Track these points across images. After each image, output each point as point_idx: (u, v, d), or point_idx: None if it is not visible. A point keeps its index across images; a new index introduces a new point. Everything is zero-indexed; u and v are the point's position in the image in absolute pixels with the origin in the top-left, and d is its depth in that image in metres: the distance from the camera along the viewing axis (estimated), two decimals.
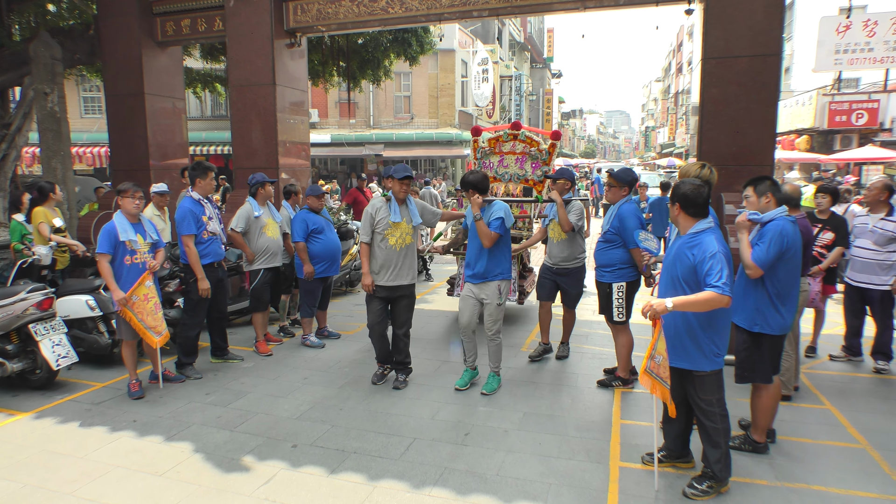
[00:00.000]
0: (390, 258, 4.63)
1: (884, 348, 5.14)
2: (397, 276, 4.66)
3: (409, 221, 4.68)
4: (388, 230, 4.61)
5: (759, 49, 5.69)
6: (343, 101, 24.04)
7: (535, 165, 6.59)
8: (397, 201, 4.66)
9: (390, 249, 4.62)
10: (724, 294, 2.89)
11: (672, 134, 51.23)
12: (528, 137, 6.52)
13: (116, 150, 8.78)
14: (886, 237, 4.96)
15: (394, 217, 4.60)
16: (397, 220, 4.60)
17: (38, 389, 4.85)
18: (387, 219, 4.60)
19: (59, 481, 3.43)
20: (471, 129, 6.80)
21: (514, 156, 6.64)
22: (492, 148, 6.69)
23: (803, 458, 3.63)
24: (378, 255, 4.65)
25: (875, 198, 5.08)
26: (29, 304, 4.68)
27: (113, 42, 8.45)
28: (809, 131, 20.17)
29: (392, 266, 4.64)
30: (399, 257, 4.64)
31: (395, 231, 4.62)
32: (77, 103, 24.09)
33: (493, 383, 4.72)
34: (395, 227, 4.61)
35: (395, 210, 4.63)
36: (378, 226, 4.64)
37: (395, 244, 4.62)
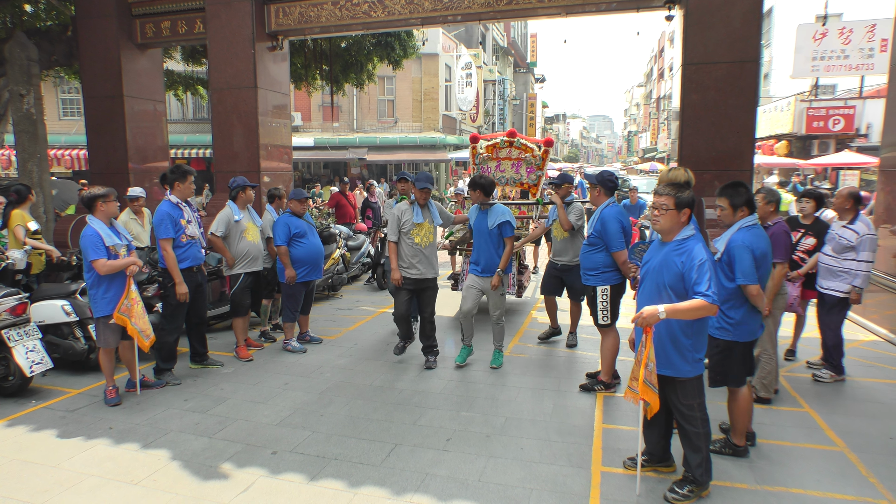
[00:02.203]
0: (416, 254, 5.24)
1: (829, 357, 5.10)
2: (423, 270, 5.27)
3: (431, 222, 5.34)
4: (412, 230, 5.23)
5: (737, 55, 5.78)
6: (326, 105, 23.93)
7: (530, 170, 7.20)
8: (419, 205, 5.28)
9: (416, 247, 5.24)
10: (713, 303, 2.91)
11: (654, 139, 51.84)
12: (523, 144, 7.06)
13: (95, 153, 8.65)
14: (842, 245, 4.93)
15: (416, 219, 5.24)
16: (420, 221, 5.23)
17: (10, 396, 4.73)
18: (411, 220, 5.22)
19: (30, 492, 3.34)
20: (469, 137, 7.34)
21: (510, 161, 7.23)
22: (489, 154, 7.25)
23: (783, 461, 3.67)
24: (405, 251, 5.26)
25: (841, 206, 5.05)
26: (2, 309, 4.57)
27: (91, 44, 8.33)
28: (788, 136, 20.55)
29: (418, 261, 5.24)
30: (424, 253, 5.25)
31: (420, 231, 5.25)
32: (55, 105, 23.68)
33: (499, 358, 5.44)
34: (419, 227, 5.24)
35: (417, 213, 5.26)
36: (404, 226, 5.25)
37: (420, 242, 5.26)
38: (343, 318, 7.41)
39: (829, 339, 5.06)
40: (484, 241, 5.16)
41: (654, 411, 3.10)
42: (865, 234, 4.86)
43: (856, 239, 4.87)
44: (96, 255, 4.38)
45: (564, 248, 5.81)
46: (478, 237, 5.21)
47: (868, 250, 4.86)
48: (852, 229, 4.92)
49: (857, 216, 4.98)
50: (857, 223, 4.93)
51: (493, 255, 5.14)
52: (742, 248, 3.47)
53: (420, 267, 5.26)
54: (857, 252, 4.87)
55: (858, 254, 4.87)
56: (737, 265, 3.47)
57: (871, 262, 4.90)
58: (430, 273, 5.33)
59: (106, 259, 4.41)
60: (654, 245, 3.34)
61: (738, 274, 3.47)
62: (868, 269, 4.89)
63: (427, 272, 5.31)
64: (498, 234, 5.13)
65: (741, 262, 3.46)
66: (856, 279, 4.86)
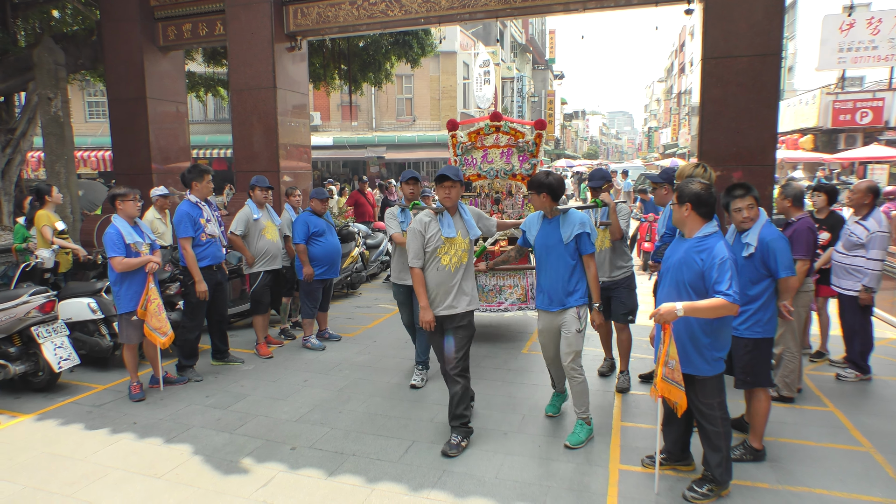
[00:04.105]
0: (444, 282, 3.79)
1: (853, 357, 4.97)
2: (452, 303, 3.80)
3: (465, 235, 3.86)
4: (440, 248, 3.78)
5: (759, 48, 5.67)
6: (345, 104, 24.08)
7: (523, 158, 6.12)
8: (449, 212, 3.84)
9: (443, 271, 3.79)
10: (735, 303, 2.87)
11: (675, 134, 51.12)
12: (512, 129, 6.06)
13: (119, 154, 8.83)
14: (851, 241, 4.79)
15: (446, 232, 3.77)
16: (451, 235, 3.77)
17: (40, 391, 4.87)
18: (438, 235, 3.76)
19: (60, 483, 3.44)
20: (447, 124, 6.37)
21: (498, 149, 6.19)
22: (472, 143, 6.22)
23: (805, 461, 3.61)
24: (429, 279, 3.81)
25: (859, 200, 4.84)
26: (31, 306, 4.71)
27: (115, 47, 8.50)
28: (813, 130, 20.09)
29: (445, 292, 3.79)
30: (454, 280, 3.80)
31: (450, 248, 3.78)
32: (82, 108, 24.23)
33: (580, 433, 3.85)
34: (450, 243, 3.77)
35: (447, 223, 3.79)
36: (429, 244, 3.78)
37: (448, 264, 3.78)
38: (361, 315, 7.47)
39: (856, 341, 4.94)
40: (553, 262, 3.79)
41: (683, 409, 3.06)
42: (876, 232, 4.68)
43: (866, 236, 4.71)
44: (114, 253, 4.50)
45: (606, 259, 4.69)
46: (544, 257, 3.85)
47: (878, 248, 4.67)
48: (863, 225, 4.76)
49: (871, 211, 4.81)
50: (870, 219, 4.76)
51: (566, 281, 3.77)
52: (780, 240, 3.44)
53: (447, 299, 3.79)
54: (866, 249, 4.72)
55: (868, 251, 4.70)
56: (779, 258, 3.43)
57: (880, 261, 4.70)
58: (460, 306, 3.82)
59: (123, 257, 4.51)
60: (675, 241, 3.30)
61: (780, 267, 3.44)
62: (878, 267, 4.69)
63: (457, 305, 3.82)
64: (574, 251, 3.77)
65: (783, 255, 3.43)
66: (865, 278, 4.71)
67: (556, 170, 30.95)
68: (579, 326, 3.79)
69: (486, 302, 5.88)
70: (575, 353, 3.78)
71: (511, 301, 5.87)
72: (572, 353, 3.78)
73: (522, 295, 5.87)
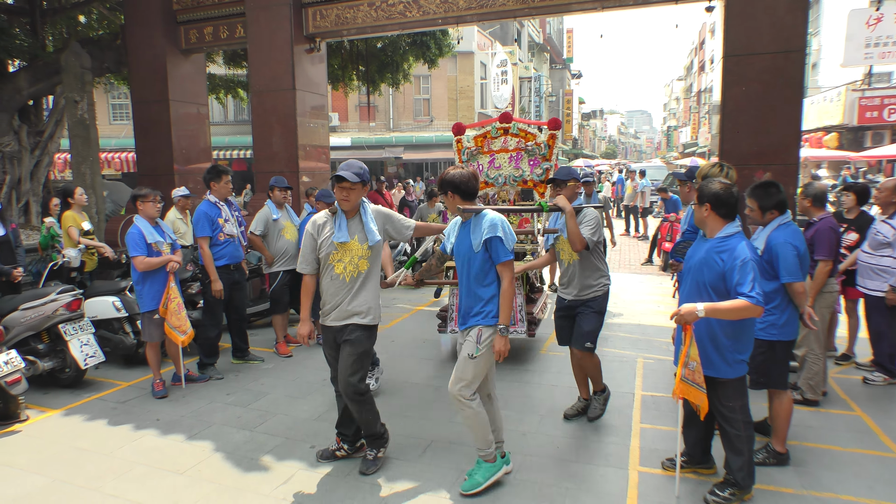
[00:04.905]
0: (337, 292, 3.42)
1: (881, 359, 4.86)
2: (344, 316, 3.42)
3: (364, 240, 3.43)
4: (332, 254, 3.40)
5: (781, 45, 5.58)
6: (363, 105, 24.24)
7: (534, 162, 5.46)
8: (346, 214, 3.43)
9: (336, 280, 3.41)
10: (758, 304, 2.82)
11: (695, 133, 50.44)
12: (521, 130, 5.48)
13: (142, 156, 9.00)
14: (878, 241, 4.68)
15: (338, 235, 3.39)
16: (343, 240, 3.38)
17: (67, 387, 4.98)
18: (329, 239, 3.40)
19: (86, 477, 3.51)
20: (452, 128, 5.80)
21: (506, 153, 5.54)
22: (479, 147, 5.63)
23: (831, 466, 3.53)
24: (325, 287, 3.47)
25: (887, 199, 4.73)
26: (59, 304, 4.82)
27: (139, 50, 8.66)
28: (838, 128, 19.68)
29: (338, 303, 3.42)
30: (348, 291, 3.41)
31: (343, 255, 3.39)
32: (106, 110, 24.72)
33: (476, 475, 3.29)
34: (343, 248, 3.39)
35: (341, 226, 3.40)
36: (321, 249, 3.43)
37: (342, 273, 3.40)
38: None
39: (884, 343, 4.83)
40: (465, 273, 3.30)
41: (705, 412, 3.02)
42: None
43: (893, 235, 4.62)
44: (136, 252, 4.59)
45: (573, 275, 4.06)
46: (459, 266, 3.37)
47: None
48: (890, 224, 4.67)
49: None
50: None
51: (475, 295, 3.26)
52: (786, 245, 3.36)
53: (339, 309, 3.42)
54: (893, 248, 4.62)
55: (895, 250, 4.62)
56: (781, 263, 3.37)
57: None
58: (353, 319, 3.41)
59: (145, 256, 4.60)
60: (697, 242, 3.27)
61: (782, 272, 3.37)
62: None
63: (351, 318, 3.41)
64: (486, 260, 3.22)
65: (785, 260, 3.35)
66: (892, 278, 4.59)
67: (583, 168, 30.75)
68: (474, 352, 3.20)
69: None
70: (463, 383, 3.20)
71: None
72: (458, 380, 3.22)
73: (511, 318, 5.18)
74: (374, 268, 3.50)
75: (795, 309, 3.47)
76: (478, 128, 5.73)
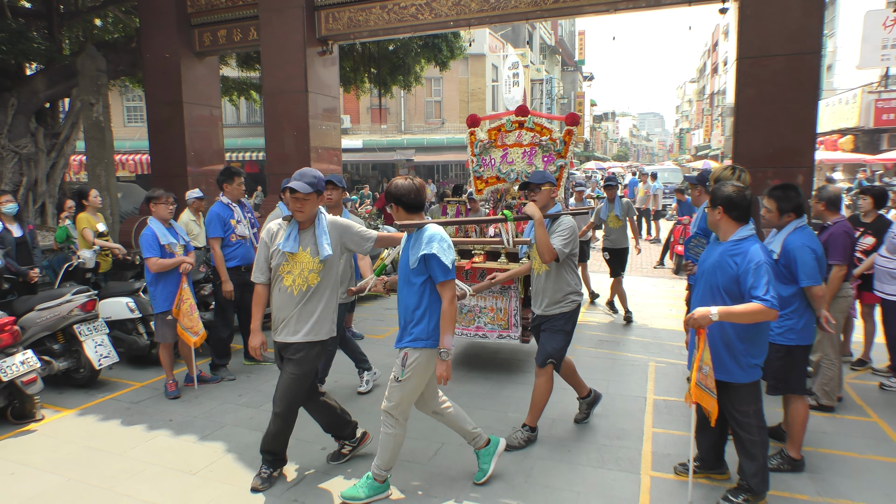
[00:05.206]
0: (285, 306, 3.28)
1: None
2: (290, 331, 3.28)
3: (315, 253, 3.25)
4: (282, 265, 3.26)
5: (796, 47, 5.53)
6: (374, 107, 24.33)
7: (548, 159, 5.20)
8: (300, 224, 3.29)
9: (284, 293, 3.27)
10: (773, 308, 2.79)
11: (707, 136, 50.06)
12: (537, 125, 5.26)
13: (156, 157, 9.09)
14: (894, 244, 4.63)
15: (286, 244, 3.24)
16: (291, 251, 3.23)
17: (81, 387, 5.04)
18: (279, 248, 3.27)
19: (100, 476, 3.55)
20: (467, 119, 5.61)
21: (520, 148, 5.32)
22: (492, 140, 5.42)
23: (847, 473, 3.49)
24: (273, 300, 3.35)
25: None
26: (74, 305, 4.88)
27: (154, 53, 8.75)
28: (854, 131, 19.43)
29: (286, 318, 3.29)
30: (296, 305, 3.26)
31: (293, 266, 3.25)
32: (121, 112, 25.01)
33: (360, 488, 3.22)
34: (292, 259, 3.25)
35: (292, 235, 3.26)
36: (273, 257, 3.31)
37: (290, 286, 3.25)
38: (391, 317, 7.51)
39: None
40: (402, 289, 3.19)
41: (715, 417, 2.99)
42: None
43: None
44: (149, 254, 4.63)
45: (540, 288, 3.84)
46: (399, 281, 3.27)
47: None
48: None
49: None
50: None
51: (410, 314, 3.12)
52: (804, 249, 3.33)
53: (288, 327, 3.29)
54: None
55: None
56: (800, 266, 3.33)
57: None
58: (298, 336, 3.26)
59: (158, 257, 4.64)
60: (710, 245, 3.24)
61: (801, 276, 3.33)
62: None
63: (297, 334, 3.27)
64: (421, 277, 3.08)
65: (804, 264, 3.32)
66: None
67: (585, 172, 30.61)
68: (399, 375, 3.08)
69: (463, 325, 5.25)
70: (391, 404, 3.16)
71: (491, 327, 5.15)
72: (387, 401, 3.18)
73: (504, 321, 5.11)
74: (326, 283, 3.30)
75: (813, 313, 3.43)
76: (493, 120, 5.54)
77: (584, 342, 6.21)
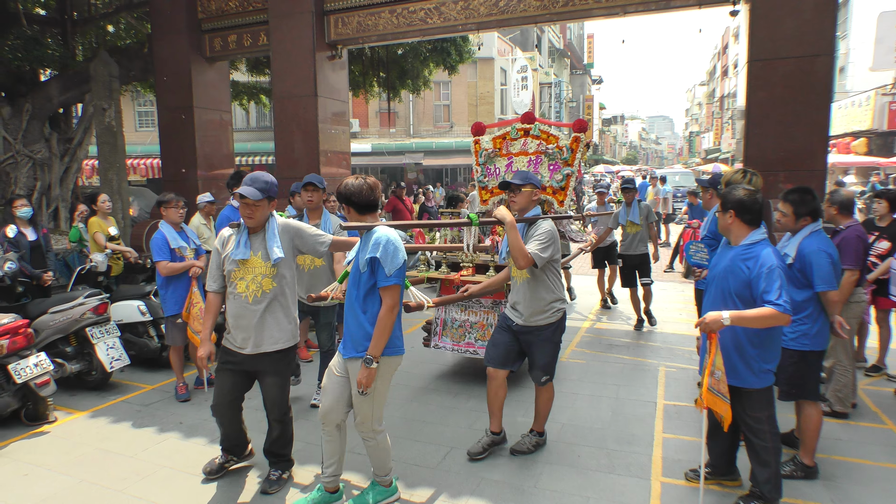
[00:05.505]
0: (241, 314, 3.22)
1: None
2: (253, 341, 3.22)
3: (267, 258, 3.21)
4: (234, 272, 3.20)
5: (808, 49, 5.48)
6: (383, 111, 24.37)
7: (554, 167, 5.00)
8: (251, 230, 3.22)
9: (238, 300, 3.21)
10: (786, 313, 2.76)
11: (717, 139, 49.76)
12: (543, 132, 5.09)
13: (167, 161, 9.16)
14: None
15: (236, 251, 3.17)
16: (242, 257, 3.17)
17: (93, 390, 5.08)
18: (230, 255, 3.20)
19: (111, 478, 3.57)
20: (472, 127, 5.47)
21: (525, 157, 5.16)
22: (497, 149, 5.28)
23: (862, 481, 3.44)
24: (228, 308, 3.29)
25: None
26: (86, 308, 4.92)
27: (165, 58, 8.84)
28: (867, 133, 19.24)
29: (244, 326, 3.22)
30: (254, 313, 3.20)
31: (245, 272, 3.19)
32: (132, 117, 25.28)
33: (367, 497, 3.19)
34: (243, 266, 3.19)
35: (242, 241, 3.19)
36: (225, 264, 3.24)
37: (244, 293, 3.19)
38: (403, 321, 7.51)
39: None
40: (350, 293, 3.06)
41: (729, 422, 2.96)
42: None
43: None
44: (159, 257, 4.67)
45: (521, 297, 3.59)
46: (349, 285, 3.12)
47: None
48: None
49: None
50: None
51: (360, 320, 2.99)
52: (819, 254, 3.30)
53: (249, 334, 3.22)
54: None
55: None
56: (815, 271, 3.30)
57: None
58: (265, 344, 3.23)
59: (169, 261, 4.68)
60: (721, 249, 3.22)
61: (816, 280, 3.30)
62: None
63: (262, 343, 3.23)
64: (370, 281, 2.96)
65: (820, 268, 3.29)
66: None
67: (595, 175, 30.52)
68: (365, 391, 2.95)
69: (454, 341, 5.13)
70: (366, 422, 3.06)
71: (481, 343, 4.98)
72: (360, 419, 3.06)
73: None
74: (282, 288, 3.24)
75: (827, 318, 3.39)
76: (498, 128, 5.40)
77: (594, 346, 6.18)
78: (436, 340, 5.25)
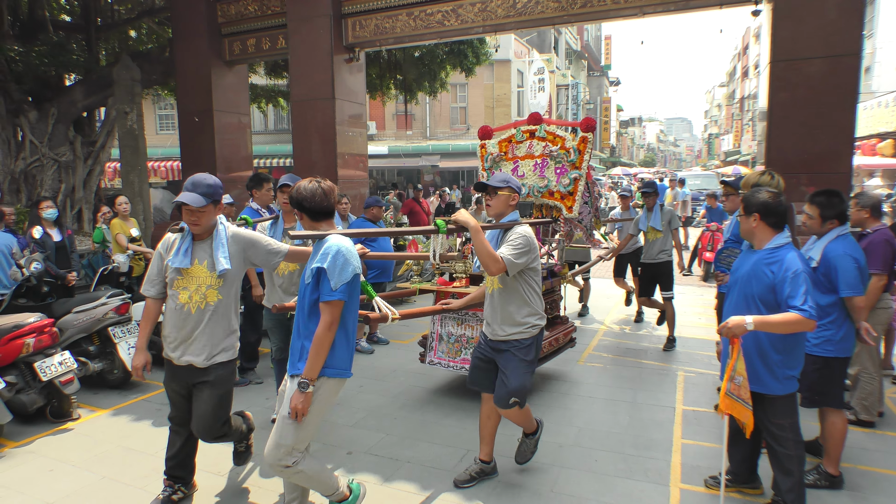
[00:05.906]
0: (182, 325, 3.01)
1: None
2: (190, 352, 3.03)
3: (213, 268, 2.98)
4: (176, 280, 3.00)
5: (833, 49, 5.39)
6: (400, 113, 24.48)
7: (561, 171, 4.75)
8: (196, 237, 3.02)
9: (180, 310, 3.00)
10: (811, 318, 2.71)
11: (737, 141, 49.10)
12: (549, 133, 4.81)
13: (187, 164, 9.30)
14: None
15: (176, 259, 2.97)
16: (183, 265, 2.97)
17: (115, 388, 5.16)
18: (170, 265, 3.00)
19: (132, 476, 3.63)
20: (478, 131, 5.29)
21: (531, 160, 4.89)
22: (503, 153, 5.06)
23: (890, 493, 3.35)
24: (167, 317, 3.08)
25: None
26: (108, 308, 5.01)
27: (185, 63, 8.98)
28: (894, 135, 18.83)
29: (183, 337, 3.03)
30: (195, 324, 3.00)
31: (187, 281, 2.98)
32: (153, 120, 25.71)
33: None
34: (185, 275, 2.99)
35: (184, 249, 2.98)
36: (167, 271, 3.04)
37: (186, 303, 2.98)
38: (416, 322, 7.51)
39: None
40: (300, 306, 2.77)
41: (751, 429, 2.90)
42: None
43: None
44: None
45: (494, 309, 3.29)
46: (298, 297, 2.83)
47: None
48: None
49: None
50: None
51: (304, 335, 2.71)
52: (846, 258, 3.23)
53: (184, 344, 3.03)
54: None
55: None
56: (840, 276, 3.23)
57: None
58: (202, 357, 3.01)
59: None
60: (744, 253, 3.17)
61: (842, 285, 3.24)
62: None
63: (200, 355, 3.02)
64: (313, 296, 2.69)
65: (846, 273, 3.22)
66: None
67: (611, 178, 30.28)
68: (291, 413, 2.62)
69: (449, 357, 4.82)
70: (283, 449, 2.65)
71: None
72: (276, 445, 2.65)
73: None
74: (226, 300, 3.03)
75: (852, 324, 3.32)
76: (504, 131, 5.16)
77: (612, 350, 6.12)
78: (430, 356, 4.88)
